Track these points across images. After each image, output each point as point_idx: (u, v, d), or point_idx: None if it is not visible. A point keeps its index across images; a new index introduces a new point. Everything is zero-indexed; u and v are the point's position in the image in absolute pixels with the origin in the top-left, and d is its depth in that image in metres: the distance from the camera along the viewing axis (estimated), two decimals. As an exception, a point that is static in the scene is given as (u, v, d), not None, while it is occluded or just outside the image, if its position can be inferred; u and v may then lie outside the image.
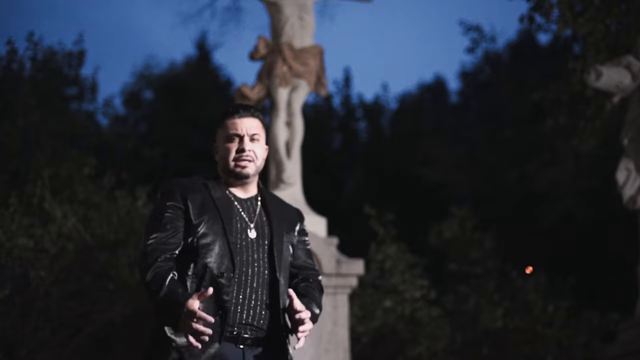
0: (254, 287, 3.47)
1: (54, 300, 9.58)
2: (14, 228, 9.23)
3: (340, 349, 7.68)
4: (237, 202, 3.59)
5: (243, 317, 3.41)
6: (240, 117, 3.61)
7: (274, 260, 3.52)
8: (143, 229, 3.63)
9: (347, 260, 7.89)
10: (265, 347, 3.48)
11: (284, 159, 8.35)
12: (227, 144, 3.61)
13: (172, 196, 3.51)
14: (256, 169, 3.61)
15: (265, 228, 3.57)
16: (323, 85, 8.76)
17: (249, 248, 3.50)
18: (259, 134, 3.63)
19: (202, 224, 3.44)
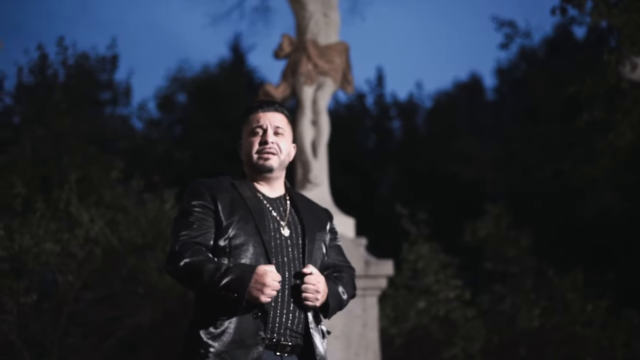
0: (292, 288, 3.34)
1: (83, 305, 9.54)
2: (41, 233, 9.19)
3: (371, 351, 7.51)
4: (266, 201, 3.49)
5: (282, 321, 3.28)
6: (264, 111, 3.55)
7: (305, 261, 3.41)
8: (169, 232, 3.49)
9: (376, 261, 7.72)
10: (301, 354, 3.36)
11: (311, 158, 8.19)
12: (251, 138, 3.53)
13: (200, 196, 3.40)
14: (280, 163, 3.52)
15: (297, 226, 3.47)
16: (349, 82, 8.59)
17: (283, 247, 3.38)
18: (283, 128, 3.55)
19: (234, 224, 3.33)
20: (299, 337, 3.33)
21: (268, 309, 3.24)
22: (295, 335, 3.31)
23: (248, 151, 3.52)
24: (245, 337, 3.18)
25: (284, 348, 3.28)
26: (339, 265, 3.62)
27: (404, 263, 11.00)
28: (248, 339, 3.19)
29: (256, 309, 3.22)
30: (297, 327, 3.32)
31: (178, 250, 3.25)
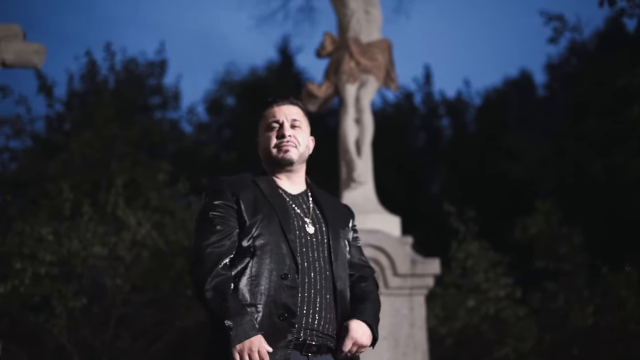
0: (318, 288, 3.25)
1: (132, 308, 9.59)
2: (89, 237, 9.27)
3: (419, 351, 7.40)
4: (288, 197, 3.41)
5: (309, 321, 3.20)
6: (279, 105, 3.49)
7: (332, 259, 3.32)
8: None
9: (423, 259, 7.62)
10: (329, 356, 3.27)
11: (355, 157, 8.12)
12: (268, 132, 3.46)
13: (222, 194, 3.32)
14: (300, 155, 3.44)
15: (321, 223, 3.38)
16: (393, 79, 8.50)
17: (309, 246, 3.29)
18: (300, 120, 3.48)
19: (257, 223, 3.24)
20: (327, 338, 3.24)
21: (295, 310, 3.16)
22: (322, 335, 3.22)
23: (266, 146, 3.45)
24: (272, 340, 3.10)
25: (309, 348, 3.20)
26: (360, 265, 3.53)
27: (453, 261, 10.87)
28: (275, 341, 3.10)
29: (283, 310, 3.15)
30: (323, 328, 3.23)
31: (199, 263, 3.19)
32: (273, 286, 3.16)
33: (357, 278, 3.47)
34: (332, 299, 3.28)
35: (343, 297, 3.33)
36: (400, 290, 7.48)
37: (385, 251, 7.46)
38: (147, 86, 20.59)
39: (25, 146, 16.19)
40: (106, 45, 18.02)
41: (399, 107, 21.83)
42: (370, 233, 7.46)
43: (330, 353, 3.26)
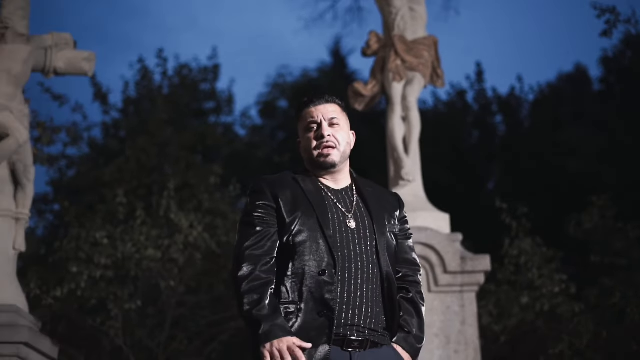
0: (359, 283, 3.21)
1: (186, 310, 9.69)
2: (142, 240, 9.40)
3: (471, 348, 7.35)
4: (330, 193, 3.39)
5: (349, 317, 3.16)
6: (315, 105, 3.45)
7: (378, 252, 3.28)
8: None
9: (473, 256, 7.56)
10: (377, 349, 3.21)
11: (402, 155, 8.10)
12: (307, 134, 3.43)
13: (261, 194, 3.32)
14: (342, 155, 3.41)
15: (365, 218, 3.34)
16: (439, 76, 8.47)
17: (349, 241, 3.26)
18: (338, 118, 3.45)
19: (296, 220, 3.24)
20: (370, 333, 3.21)
21: (334, 306, 3.14)
22: (363, 330, 3.19)
23: (307, 147, 3.42)
24: (311, 336, 3.10)
25: (350, 343, 3.16)
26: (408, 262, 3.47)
27: (506, 258, 10.77)
28: (314, 337, 3.10)
29: (322, 307, 3.14)
30: (365, 323, 3.20)
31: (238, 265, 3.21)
32: (312, 283, 3.16)
33: (403, 281, 3.41)
34: (378, 292, 3.25)
35: (390, 290, 3.29)
36: (450, 288, 7.44)
37: (435, 248, 7.43)
38: (200, 91, 20.80)
39: (81, 153, 16.48)
40: (158, 52, 18.26)
41: (451, 105, 21.72)
42: (419, 231, 7.43)
43: (376, 347, 3.21)
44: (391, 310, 3.28)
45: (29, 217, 8.01)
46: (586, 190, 13.58)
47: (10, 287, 7.53)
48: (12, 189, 7.87)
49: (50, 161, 14.81)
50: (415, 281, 3.46)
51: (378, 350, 3.21)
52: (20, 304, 7.50)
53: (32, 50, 8.19)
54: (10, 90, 7.97)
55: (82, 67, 8.48)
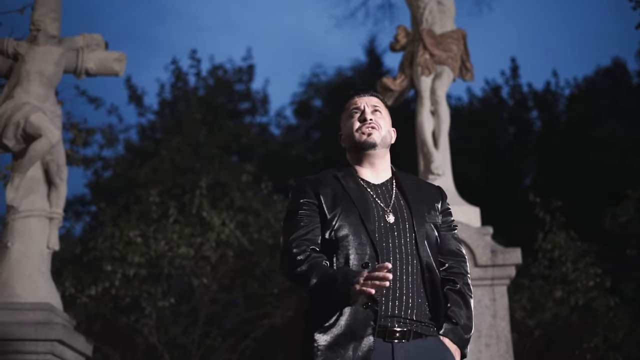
0: (399, 274, 3.24)
1: (219, 307, 9.74)
2: (175, 238, 9.46)
3: (502, 342, 7.30)
4: (370, 188, 3.42)
5: (389, 308, 3.19)
6: (360, 96, 3.55)
7: (417, 244, 3.30)
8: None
9: (503, 249, 7.51)
10: (421, 341, 3.22)
11: (432, 149, 8.07)
12: (350, 120, 3.51)
13: (304, 193, 3.39)
14: (382, 139, 3.47)
15: (404, 211, 3.37)
16: (468, 69, 8.42)
17: (389, 234, 3.29)
18: (380, 107, 3.53)
19: (337, 216, 3.29)
20: (412, 323, 3.21)
21: (377, 298, 3.15)
22: (406, 321, 3.20)
23: (349, 132, 3.49)
24: (356, 329, 3.12)
25: (392, 334, 3.17)
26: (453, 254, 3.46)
27: (540, 252, 10.69)
28: (359, 330, 3.12)
29: (366, 300, 3.14)
30: (406, 314, 3.21)
31: (289, 252, 3.25)
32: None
33: (449, 273, 3.41)
34: (419, 283, 3.27)
35: (432, 280, 3.30)
36: (481, 281, 7.39)
37: (465, 242, 7.39)
38: (235, 92, 20.91)
39: (117, 154, 16.65)
40: (191, 53, 18.38)
41: (486, 101, 21.59)
42: (449, 224, 7.41)
43: (420, 338, 3.22)
44: (434, 301, 3.29)
45: (63, 217, 8.11)
46: (622, 184, 13.44)
47: (45, 286, 7.63)
48: (45, 189, 7.98)
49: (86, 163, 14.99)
50: (461, 272, 3.46)
51: (422, 341, 3.22)
52: (54, 302, 7.60)
53: (63, 52, 8.30)
54: (42, 91, 8.08)
55: (112, 68, 8.58)
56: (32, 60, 8.10)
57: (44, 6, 8.42)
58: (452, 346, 3.28)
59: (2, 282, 7.52)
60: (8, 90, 8.13)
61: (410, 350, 3.18)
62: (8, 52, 8.27)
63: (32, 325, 7.12)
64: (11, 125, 7.87)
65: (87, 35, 8.60)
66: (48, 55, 8.18)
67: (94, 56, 8.51)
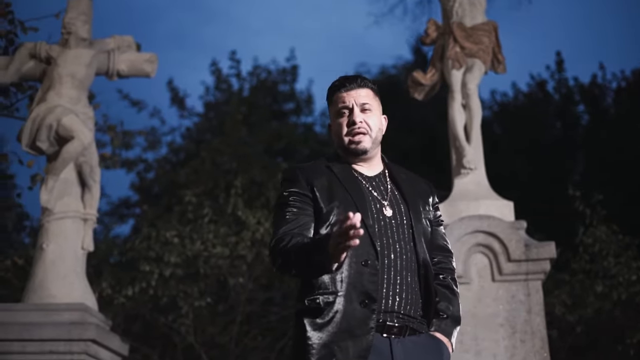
0: (398, 270, 3.17)
1: (256, 306, 9.74)
2: (210, 237, 9.48)
3: (537, 337, 7.16)
4: (364, 180, 3.34)
5: (389, 304, 3.12)
6: (347, 89, 3.39)
7: (415, 240, 3.23)
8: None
9: (537, 243, 7.36)
10: (416, 337, 3.18)
11: (464, 143, 7.95)
12: (338, 119, 3.38)
13: (296, 182, 3.28)
14: (373, 141, 3.36)
15: (400, 205, 3.30)
16: (500, 62, 8.29)
17: (387, 229, 3.21)
18: (370, 103, 3.38)
19: (334, 210, 3.19)
20: (408, 319, 3.16)
21: (376, 296, 3.09)
22: (403, 317, 3.14)
23: (338, 133, 3.38)
24: (353, 327, 3.04)
25: (390, 329, 3.12)
26: (441, 249, 3.43)
27: (581, 247, 10.49)
28: (357, 328, 3.04)
29: (364, 297, 3.09)
30: (404, 309, 3.15)
31: (275, 246, 3.13)
32: (353, 273, 3.11)
33: (438, 268, 3.38)
34: (414, 280, 3.21)
35: (427, 277, 3.25)
36: (515, 276, 7.26)
37: (498, 236, 7.27)
38: (280, 93, 20.96)
39: (159, 156, 16.78)
40: (231, 54, 18.46)
41: (532, 96, 21.32)
42: (481, 219, 7.29)
43: (415, 334, 3.17)
44: (427, 297, 3.24)
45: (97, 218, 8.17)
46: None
47: (79, 286, 7.70)
48: (79, 191, 8.06)
49: (128, 165, 15.14)
50: (450, 268, 3.44)
51: (417, 337, 3.17)
52: (89, 302, 7.67)
53: (94, 54, 8.38)
54: (74, 93, 8.16)
55: (144, 69, 8.64)
56: (64, 63, 8.20)
57: (75, 9, 8.51)
58: (444, 339, 3.24)
59: (37, 283, 7.61)
60: (41, 93, 8.23)
61: (407, 345, 3.13)
62: (41, 56, 8.38)
63: (67, 326, 7.19)
64: (44, 128, 7.97)
65: (118, 37, 8.67)
66: (79, 58, 8.27)
67: (125, 58, 8.58)
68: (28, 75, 8.56)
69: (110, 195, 16.52)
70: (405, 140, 19.64)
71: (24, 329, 7.22)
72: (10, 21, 9.95)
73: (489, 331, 7.06)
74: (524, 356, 7.06)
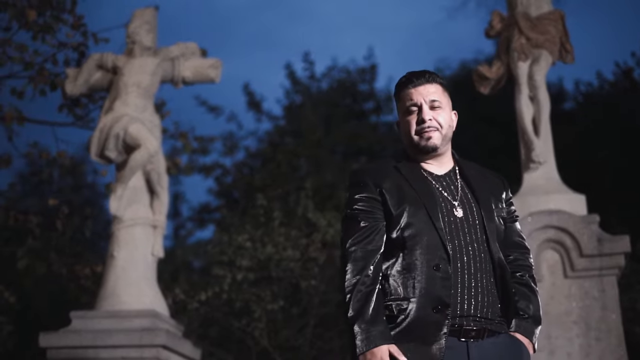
0: (472, 272, 3.08)
1: (330, 308, 9.68)
2: (281, 240, 9.47)
3: (613, 335, 6.91)
4: (434, 180, 3.24)
5: (464, 308, 3.04)
6: (415, 85, 3.29)
7: (488, 240, 3.13)
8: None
9: (611, 237, 7.11)
10: (495, 338, 3.09)
11: (532, 136, 7.73)
12: (407, 117, 3.28)
13: (364, 187, 3.20)
14: (444, 138, 3.25)
15: (472, 204, 3.20)
16: (568, 51, 8.03)
17: (459, 230, 3.12)
18: (439, 99, 3.27)
19: (404, 213, 3.11)
20: (487, 322, 3.07)
21: (449, 301, 3.01)
22: (480, 320, 3.05)
23: (407, 131, 3.27)
24: (426, 333, 2.98)
25: (467, 333, 3.03)
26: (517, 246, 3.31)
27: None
28: (430, 335, 2.97)
29: (437, 302, 3.00)
30: (481, 312, 3.06)
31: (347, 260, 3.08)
32: (425, 278, 3.03)
33: (514, 266, 3.27)
34: (490, 281, 3.11)
35: (503, 277, 3.15)
36: (587, 272, 7.04)
37: (569, 231, 7.06)
38: (359, 92, 20.89)
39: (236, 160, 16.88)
40: (304, 55, 18.46)
41: (618, 85, 20.71)
42: (551, 214, 7.10)
43: (494, 335, 3.08)
44: (505, 298, 3.14)
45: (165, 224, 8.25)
46: None
47: (150, 292, 7.78)
48: (148, 198, 8.14)
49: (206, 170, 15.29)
50: (527, 265, 3.32)
51: (496, 339, 3.08)
52: (160, 308, 7.74)
53: (159, 62, 8.46)
54: (140, 102, 8.25)
55: (208, 75, 8.68)
56: (130, 72, 8.29)
57: (139, 18, 8.60)
58: (524, 340, 3.15)
59: (109, 291, 7.71)
60: (109, 103, 8.35)
61: (486, 347, 3.04)
62: (108, 66, 8.50)
63: (138, 332, 7.26)
64: (112, 137, 8.07)
65: (182, 45, 8.74)
66: (144, 67, 8.35)
67: (189, 64, 8.63)
68: (96, 85, 8.70)
69: (191, 201, 16.73)
70: (489, 135, 19.35)
71: (97, 336, 7.33)
72: (83, 33, 10.18)
73: (562, 329, 6.87)
74: (600, 355, 6.84)
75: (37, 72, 9.40)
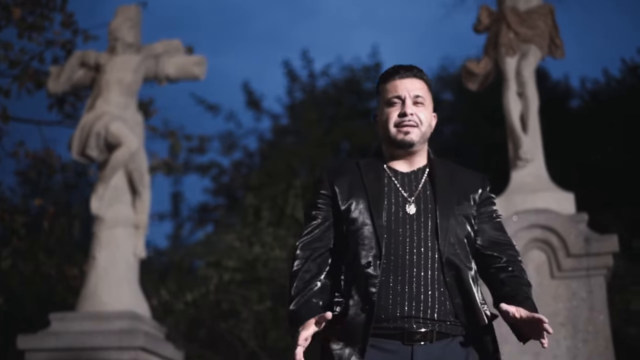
0: (415, 272, 2.93)
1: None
2: (269, 240, 9.33)
3: (601, 337, 6.73)
4: (395, 177, 3.12)
5: (405, 309, 2.90)
6: (401, 77, 3.16)
7: (439, 238, 2.99)
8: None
9: (599, 237, 6.93)
10: (449, 341, 2.94)
11: (520, 133, 7.56)
12: (388, 108, 3.15)
13: (320, 184, 3.16)
14: (422, 136, 3.13)
15: (428, 202, 3.06)
16: (558, 46, 7.84)
17: (405, 228, 2.99)
18: (423, 97, 3.15)
19: (350, 207, 3.03)
20: (433, 324, 2.92)
21: (375, 300, 2.90)
22: (426, 321, 2.91)
23: (385, 123, 3.15)
24: (353, 331, 2.90)
25: (411, 336, 2.89)
26: (497, 244, 3.14)
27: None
28: (354, 335, 2.90)
29: (365, 302, 2.91)
30: (424, 313, 2.91)
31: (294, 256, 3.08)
32: (359, 275, 2.95)
33: (500, 262, 3.10)
34: (440, 280, 2.96)
35: (457, 277, 2.99)
36: (575, 272, 6.85)
37: (556, 231, 6.88)
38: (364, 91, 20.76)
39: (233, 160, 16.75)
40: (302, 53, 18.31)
41: (624, 82, 20.50)
42: (537, 213, 6.92)
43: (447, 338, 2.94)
44: (463, 298, 2.98)
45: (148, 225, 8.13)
46: None
47: (130, 294, 7.66)
48: (130, 198, 8.02)
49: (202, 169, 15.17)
50: (511, 260, 3.11)
51: (450, 342, 2.93)
52: (141, 309, 7.62)
53: (142, 59, 8.34)
54: (122, 100, 8.14)
55: (192, 72, 8.55)
56: (112, 70, 8.18)
57: (122, 15, 8.48)
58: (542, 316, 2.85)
59: (90, 291, 7.61)
60: (91, 101, 8.25)
61: (434, 352, 2.89)
62: (90, 63, 8.41)
63: (117, 334, 7.17)
64: (93, 135, 7.97)
65: (166, 42, 8.62)
66: (127, 64, 8.24)
67: (173, 62, 8.51)
68: (79, 83, 8.60)
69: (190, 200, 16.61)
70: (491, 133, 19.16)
71: (76, 338, 7.24)
72: (73, 31, 10.07)
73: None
74: (588, 357, 6.67)
75: (21, 71, 9.28)
